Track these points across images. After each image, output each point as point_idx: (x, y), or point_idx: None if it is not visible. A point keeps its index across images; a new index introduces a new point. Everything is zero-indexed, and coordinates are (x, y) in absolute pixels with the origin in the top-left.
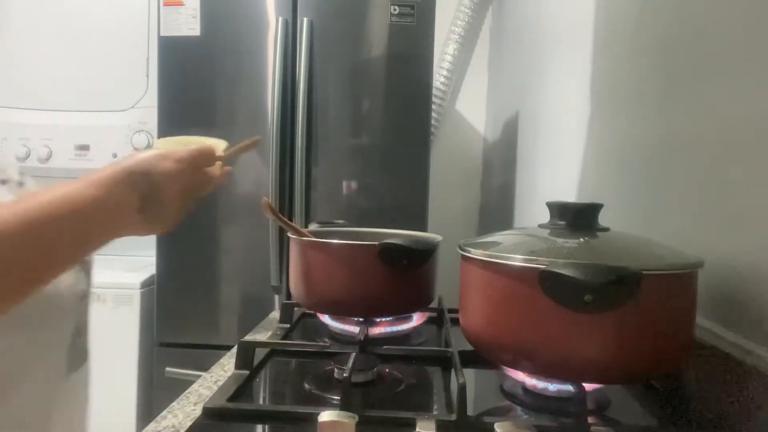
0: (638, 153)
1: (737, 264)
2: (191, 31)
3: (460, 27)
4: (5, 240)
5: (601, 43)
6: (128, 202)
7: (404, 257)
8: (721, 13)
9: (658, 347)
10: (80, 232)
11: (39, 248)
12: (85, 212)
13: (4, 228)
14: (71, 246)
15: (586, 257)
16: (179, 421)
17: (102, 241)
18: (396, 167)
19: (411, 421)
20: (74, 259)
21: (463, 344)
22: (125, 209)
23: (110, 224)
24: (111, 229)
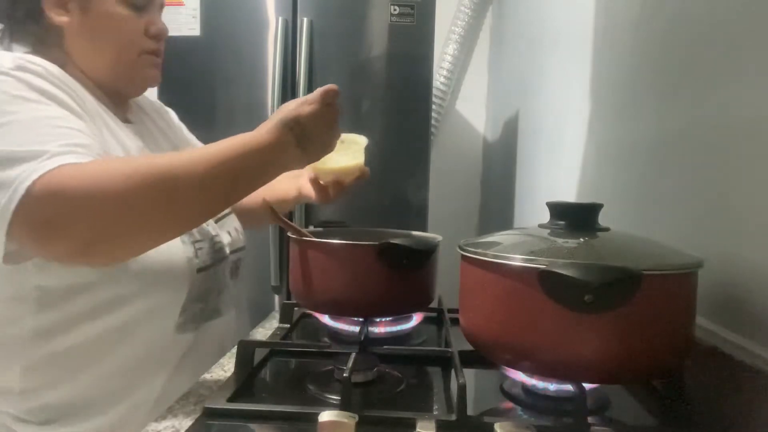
0: (638, 153)
1: (737, 264)
2: (191, 31)
3: (460, 27)
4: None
5: (601, 43)
6: (288, 141)
7: (404, 257)
8: (721, 13)
9: (658, 347)
10: (258, 166)
11: (229, 178)
12: (261, 150)
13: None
14: (251, 178)
15: (586, 257)
16: (179, 421)
17: (273, 174)
18: (396, 167)
19: (411, 421)
20: (251, 189)
21: (463, 344)
22: (288, 147)
23: (279, 160)
24: (280, 164)
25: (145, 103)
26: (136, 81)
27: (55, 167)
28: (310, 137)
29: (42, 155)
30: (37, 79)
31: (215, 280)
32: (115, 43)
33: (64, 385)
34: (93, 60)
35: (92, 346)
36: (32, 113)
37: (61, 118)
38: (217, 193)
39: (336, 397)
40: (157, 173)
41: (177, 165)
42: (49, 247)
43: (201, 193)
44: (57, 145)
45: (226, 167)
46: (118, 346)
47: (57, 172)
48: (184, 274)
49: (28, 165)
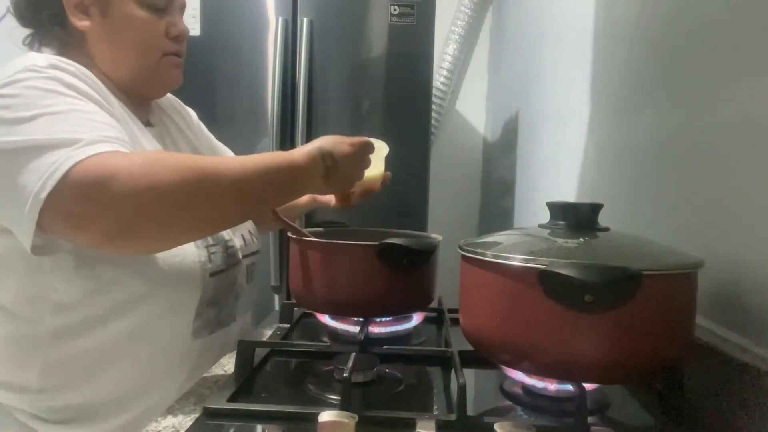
0: (638, 153)
1: (737, 264)
2: (191, 31)
3: (460, 27)
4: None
5: (601, 43)
6: (318, 169)
7: (404, 257)
8: (721, 13)
9: (658, 347)
10: (287, 183)
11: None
12: (293, 169)
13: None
14: (278, 192)
15: (586, 257)
16: (179, 421)
17: (297, 194)
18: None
19: (411, 421)
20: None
21: (463, 344)
22: (316, 174)
23: (304, 182)
24: (304, 186)
25: (165, 104)
26: (158, 83)
27: (95, 154)
28: (337, 173)
29: (77, 142)
30: (70, 77)
31: (230, 285)
32: (136, 46)
33: (82, 386)
34: (115, 63)
35: (108, 348)
36: (65, 106)
37: (94, 112)
38: (250, 199)
39: (336, 397)
40: (202, 170)
41: (219, 166)
42: (81, 232)
43: (237, 196)
44: (91, 135)
45: (262, 176)
46: (133, 348)
47: (99, 158)
48: (196, 278)
49: (63, 151)
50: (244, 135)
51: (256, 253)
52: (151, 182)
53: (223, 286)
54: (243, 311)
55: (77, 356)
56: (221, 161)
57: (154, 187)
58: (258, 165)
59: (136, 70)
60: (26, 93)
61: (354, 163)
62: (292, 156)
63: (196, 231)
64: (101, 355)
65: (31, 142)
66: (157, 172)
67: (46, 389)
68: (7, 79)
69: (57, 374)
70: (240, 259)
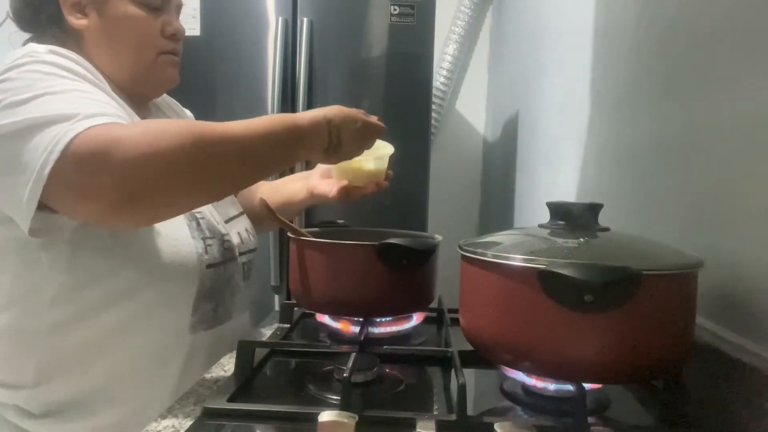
0: (638, 153)
1: (737, 264)
2: (191, 31)
3: (460, 27)
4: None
5: (601, 43)
6: (322, 137)
7: (404, 257)
8: (722, 13)
9: (658, 347)
10: (290, 145)
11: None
12: (297, 131)
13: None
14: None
15: (586, 257)
16: (179, 421)
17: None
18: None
19: (411, 421)
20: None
21: (463, 344)
22: (319, 141)
23: (306, 146)
24: (305, 150)
25: (163, 105)
26: (155, 81)
27: (95, 125)
28: (340, 144)
29: (75, 116)
30: (70, 62)
31: (227, 280)
32: (131, 45)
33: (76, 379)
34: (112, 62)
35: (104, 338)
36: (64, 86)
37: (93, 92)
38: (255, 161)
39: (336, 397)
40: (203, 134)
41: (221, 129)
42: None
43: (241, 158)
44: (91, 109)
45: (266, 138)
46: (129, 339)
47: (100, 129)
48: (194, 269)
49: (62, 126)
50: None
51: (252, 251)
52: (154, 149)
53: (219, 280)
54: (240, 310)
55: (72, 348)
56: (224, 125)
57: (157, 153)
58: (262, 127)
59: (132, 69)
60: (26, 76)
61: (359, 137)
62: (299, 118)
63: (202, 196)
64: (96, 346)
65: (32, 121)
66: (159, 139)
67: (41, 383)
68: (8, 66)
69: (52, 368)
70: (236, 255)
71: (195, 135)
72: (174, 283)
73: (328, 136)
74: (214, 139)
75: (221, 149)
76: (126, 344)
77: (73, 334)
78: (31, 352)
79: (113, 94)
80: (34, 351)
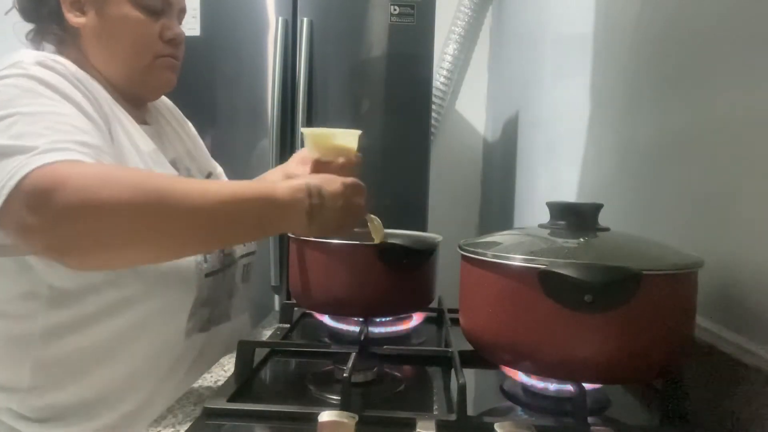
0: (638, 153)
1: (737, 264)
2: (191, 31)
3: (460, 27)
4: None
5: (601, 43)
6: (303, 205)
7: (404, 257)
8: (721, 13)
9: (658, 347)
10: (260, 218)
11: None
12: (274, 202)
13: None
14: (247, 228)
15: (586, 257)
16: (179, 421)
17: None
18: (396, 167)
19: (411, 421)
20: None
21: (463, 344)
22: (298, 212)
23: (284, 221)
24: (285, 222)
25: (162, 107)
26: (151, 84)
27: (51, 162)
28: (323, 212)
29: (33, 149)
30: (55, 77)
31: (224, 285)
32: (128, 47)
33: (72, 384)
34: (108, 62)
35: (102, 346)
36: (40, 107)
37: (69, 115)
38: (210, 230)
39: (336, 397)
40: (158, 192)
41: (181, 189)
42: (29, 243)
43: (193, 225)
44: (51, 140)
45: (230, 207)
46: (127, 347)
47: (53, 168)
48: (192, 278)
49: (20, 159)
50: (244, 135)
51: (252, 253)
52: (96, 198)
53: (218, 286)
54: (238, 311)
55: (69, 354)
56: (188, 185)
57: (98, 204)
58: (227, 195)
59: (129, 70)
60: (5, 90)
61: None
62: (276, 189)
63: (146, 255)
64: (93, 354)
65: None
66: (106, 188)
67: (37, 388)
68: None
69: (48, 372)
70: (236, 258)
71: (147, 190)
72: (173, 293)
73: (309, 198)
74: (168, 199)
75: (172, 211)
76: (123, 351)
77: (69, 339)
78: (26, 356)
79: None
80: (29, 355)
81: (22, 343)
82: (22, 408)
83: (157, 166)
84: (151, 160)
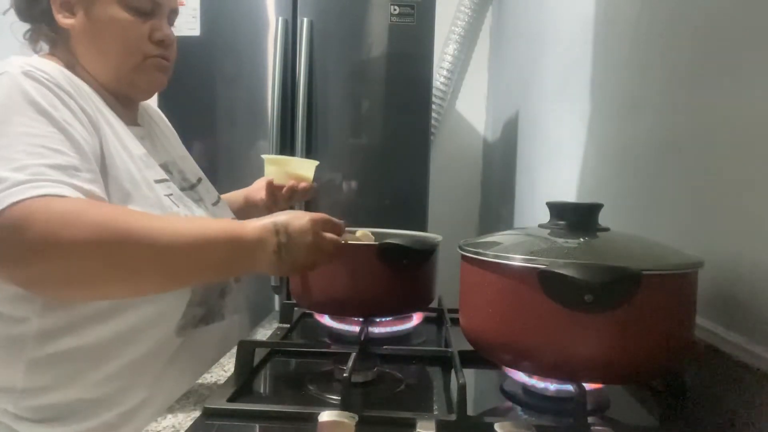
0: (638, 153)
1: (737, 264)
2: (191, 31)
3: (460, 27)
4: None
5: (601, 43)
6: (270, 243)
7: (404, 257)
8: (722, 13)
9: (658, 347)
10: (227, 259)
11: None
12: (241, 241)
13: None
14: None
15: (586, 257)
16: (179, 421)
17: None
18: (396, 167)
19: (411, 421)
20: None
21: (463, 344)
22: (266, 251)
23: (251, 260)
24: (250, 264)
25: (152, 112)
26: (140, 85)
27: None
28: (291, 250)
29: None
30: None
31: (216, 284)
32: (117, 48)
33: (66, 385)
34: (97, 63)
35: (96, 349)
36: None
37: (44, 136)
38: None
39: (336, 397)
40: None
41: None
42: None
43: (157, 265)
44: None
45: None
46: (121, 349)
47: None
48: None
49: None
50: (244, 135)
51: None
52: (60, 238)
53: (210, 286)
54: (232, 310)
55: (63, 356)
56: (156, 224)
57: (61, 245)
58: (191, 236)
59: (117, 71)
60: None
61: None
62: (244, 227)
63: (120, 291)
64: (87, 355)
65: None
66: (69, 227)
67: (31, 389)
68: None
69: (42, 374)
70: None
71: (111, 230)
72: (167, 296)
73: (276, 236)
74: (132, 238)
75: (134, 251)
76: (117, 353)
77: (63, 342)
78: (20, 357)
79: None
80: (23, 356)
81: (17, 345)
82: (18, 408)
83: (148, 169)
84: (142, 163)
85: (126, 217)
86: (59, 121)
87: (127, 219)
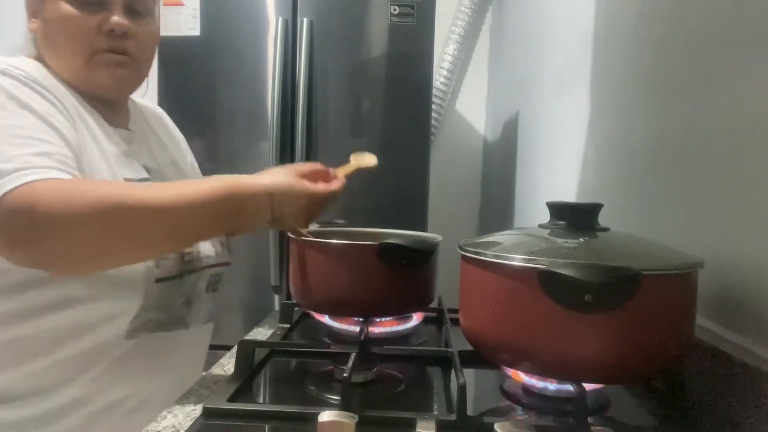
0: (638, 153)
1: (737, 264)
2: (191, 31)
3: (460, 27)
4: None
5: (601, 43)
6: (265, 206)
7: (404, 257)
8: (721, 13)
9: (658, 347)
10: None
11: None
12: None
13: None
14: (215, 225)
15: (586, 257)
16: (179, 421)
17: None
18: (396, 167)
19: (411, 421)
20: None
21: (463, 344)
22: (262, 211)
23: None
24: (250, 223)
25: (149, 114)
26: (98, 81)
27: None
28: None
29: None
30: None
31: (180, 291)
32: (66, 44)
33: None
34: (56, 63)
35: (43, 338)
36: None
37: (29, 127)
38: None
39: (336, 397)
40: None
41: (144, 195)
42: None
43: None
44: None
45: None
46: (67, 342)
47: (23, 189)
48: (139, 283)
49: None
50: (244, 135)
51: (225, 264)
52: (66, 213)
53: (171, 292)
54: (199, 320)
55: (11, 342)
56: (151, 190)
57: (69, 218)
58: (195, 198)
59: (71, 69)
60: None
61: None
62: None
63: (121, 258)
64: (34, 344)
65: None
66: (73, 202)
67: None
68: None
69: None
70: (200, 267)
71: (112, 199)
72: (118, 296)
73: (270, 210)
74: (133, 205)
75: (138, 216)
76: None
77: (13, 328)
78: None
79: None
80: None
81: None
82: None
83: (122, 168)
84: (115, 161)
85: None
86: (40, 112)
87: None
